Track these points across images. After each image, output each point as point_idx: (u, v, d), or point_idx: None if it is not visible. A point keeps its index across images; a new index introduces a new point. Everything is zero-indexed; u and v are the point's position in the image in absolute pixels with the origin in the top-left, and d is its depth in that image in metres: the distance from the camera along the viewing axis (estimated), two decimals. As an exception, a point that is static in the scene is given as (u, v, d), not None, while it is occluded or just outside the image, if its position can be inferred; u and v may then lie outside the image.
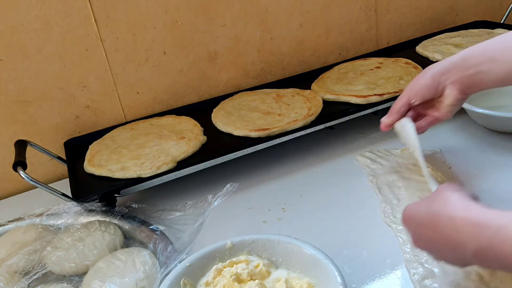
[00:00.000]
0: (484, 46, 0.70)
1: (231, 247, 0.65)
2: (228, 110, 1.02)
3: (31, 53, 0.95)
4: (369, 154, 0.92)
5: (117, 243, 0.75)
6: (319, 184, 0.87)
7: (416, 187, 0.80)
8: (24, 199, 0.99)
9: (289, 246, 0.64)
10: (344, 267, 0.64)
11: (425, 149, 0.90)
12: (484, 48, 0.70)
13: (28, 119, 0.99)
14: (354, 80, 1.07)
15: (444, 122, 0.99)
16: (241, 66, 1.16)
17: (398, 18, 1.30)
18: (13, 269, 0.71)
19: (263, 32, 1.16)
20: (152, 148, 0.92)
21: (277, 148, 0.93)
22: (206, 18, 1.08)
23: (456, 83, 0.71)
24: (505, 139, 0.90)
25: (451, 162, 0.86)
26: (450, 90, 0.71)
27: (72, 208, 0.79)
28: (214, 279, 0.62)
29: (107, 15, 0.99)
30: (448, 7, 1.36)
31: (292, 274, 0.63)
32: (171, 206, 0.84)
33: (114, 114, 1.07)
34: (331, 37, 1.24)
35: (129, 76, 1.05)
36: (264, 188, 0.89)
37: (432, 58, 1.13)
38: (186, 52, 1.09)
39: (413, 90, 0.74)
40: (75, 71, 1.00)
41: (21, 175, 0.80)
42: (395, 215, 0.74)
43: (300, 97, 1.03)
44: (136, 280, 0.65)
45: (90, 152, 0.94)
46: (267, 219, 0.80)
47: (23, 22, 0.93)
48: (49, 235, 0.77)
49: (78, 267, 0.72)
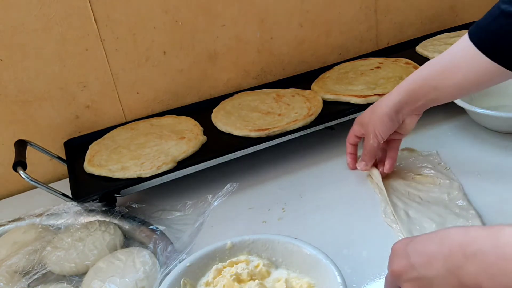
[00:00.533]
0: (424, 76, 0.74)
1: (231, 247, 0.65)
2: (228, 110, 1.02)
3: (31, 53, 0.95)
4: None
5: (117, 243, 0.75)
6: (319, 184, 0.87)
7: (416, 187, 0.80)
8: (24, 199, 0.99)
9: (289, 246, 0.64)
10: (344, 267, 0.64)
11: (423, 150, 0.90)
12: (424, 78, 0.74)
13: (28, 119, 0.99)
14: (354, 80, 1.07)
15: (444, 122, 0.99)
16: (241, 66, 1.16)
17: (398, 18, 1.30)
18: (13, 269, 0.71)
19: (263, 32, 1.15)
20: (152, 148, 0.92)
21: (277, 148, 0.93)
22: (206, 18, 1.08)
23: (412, 113, 0.78)
24: (505, 139, 0.90)
25: (450, 162, 0.86)
26: (410, 119, 0.79)
27: (72, 208, 0.79)
28: (214, 279, 0.62)
29: (107, 15, 0.99)
30: (448, 7, 1.36)
31: (292, 274, 0.63)
32: (171, 206, 0.84)
33: (114, 114, 1.07)
34: (331, 37, 1.24)
35: (129, 76, 1.05)
36: (264, 188, 0.89)
37: (432, 58, 1.13)
38: (186, 52, 1.09)
39: (379, 133, 0.78)
40: (75, 71, 1.00)
41: (21, 175, 0.80)
42: (396, 215, 0.74)
43: (300, 97, 1.03)
44: (136, 280, 0.65)
45: (90, 152, 0.94)
46: (267, 219, 0.80)
47: (23, 22, 0.93)
48: (49, 235, 0.77)
49: (78, 267, 0.72)
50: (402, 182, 0.82)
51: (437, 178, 0.81)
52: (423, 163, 0.86)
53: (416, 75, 0.75)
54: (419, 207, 0.75)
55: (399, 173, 0.84)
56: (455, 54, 0.71)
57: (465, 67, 0.69)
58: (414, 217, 0.73)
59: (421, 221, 0.72)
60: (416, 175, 0.83)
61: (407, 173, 0.84)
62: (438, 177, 0.81)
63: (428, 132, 0.97)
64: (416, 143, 0.93)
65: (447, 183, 0.79)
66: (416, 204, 0.76)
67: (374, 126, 0.78)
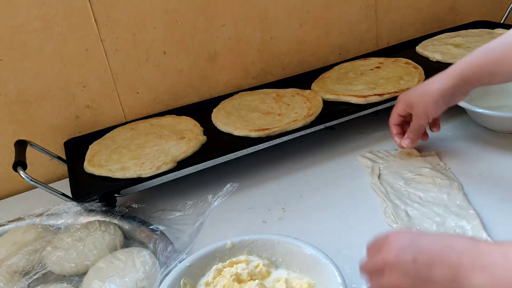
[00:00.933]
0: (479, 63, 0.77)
1: (231, 247, 0.65)
2: (228, 110, 1.02)
3: (31, 53, 0.95)
4: (369, 155, 0.92)
5: (117, 243, 0.75)
6: (319, 184, 0.87)
7: (416, 187, 0.80)
8: (24, 199, 0.98)
9: (289, 246, 0.64)
10: (344, 267, 0.64)
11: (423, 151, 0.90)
12: (480, 65, 0.76)
13: (28, 119, 0.99)
14: (354, 80, 1.07)
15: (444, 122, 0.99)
16: (241, 66, 1.16)
17: (398, 18, 1.30)
18: (13, 269, 0.71)
19: (263, 32, 1.15)
20: (152, 148, 0.92)
21: (277, 148, 0.93)
22: (206, 18, 1.08)
23: (463, 95, 0.81)
24: (505, 139, 0.90)
25: (450, 162, 0.86)
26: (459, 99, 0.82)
27: (72, 208, 0.79)
28: (214, 279, 0.62)
29: (107, 15, 0.99)
30: (448, 7, 1.36)
31: (292, 274, 0.63)
32: (171, 206, 0.84)
33: (114, 114, 1.07)
34: (331, 37, 1.24)
35: (129, 76, 1.05)
36: (264, 188, 0.89)
37: (432, 58, 1.14)
38: (186, 52, 1.09)
39: (431, 113, 0.81)
40: (75, 71, 1.00)
41: (21, 175, 0.80)
42: (396, 215, 0.74)
43: (300, 97, 1.03)
44: (136, 280, 0.65)
45: (90, 152, 0.94)
46: (267, 219, 0.80)
47: (23, 22, 0.93)
48: (49, 235, 0.77)
49: (78, 267, 0.72)
50: (402, 182, 0.82)
51: (437, 178, 0.81)
52: (422, 163, 0.86)
53: (470, 60, 0.77)
54: (419, 207, 0.75)
55: (399, 173, 0.84)
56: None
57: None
58: (414, 217, 0.73)
59: (421, 221, 0.72)
60: (416, 175, 0.83)
61: (407, 173, 0.84)
62: (438, 177, 0.81)
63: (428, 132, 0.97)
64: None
65: (447, 183, 0.79)
66: (416, 204, 0.76)
67: (425, 107, 0.81)
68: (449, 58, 1.10)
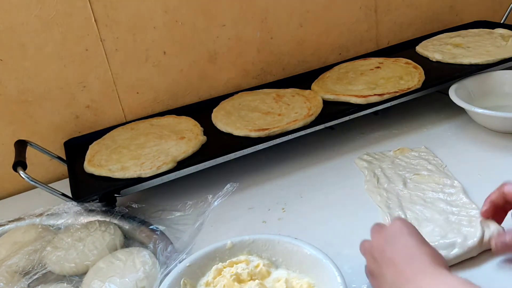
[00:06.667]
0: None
1: (231, 247, 0.65)
2: (228, 110, 1.02)
3: (31, 53, 0.95)
4: (366, 157, 0.91)
5: (117, 243, 0.75)
6: (319, 184, 0.87)
7: (415, 187, 0.80)
8: (24, 199, 0.99)
9: (289, 246, 0.64)
10: (344, 267, 0.64)
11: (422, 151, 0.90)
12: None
13: (28, 119, 0.99)
14: (354, 80, 1.07)
15: (444, 122, 0.99)
16: (241, 66, 1.16)
17: (398, 18, 1.30)
18: (13, 269, 0.71)
19: (263, 32, 1.15)
20: (152, 148, 0.92)
21: (277, 148, 0.93)
22: (206, 18, 1.08)
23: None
24: (505, 139, 0.90)
25: (450, 162, 0.86)
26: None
27: (72, 208, 0.79)
28: (214, 279, 0.62)
29: (107, 15, 0.99)
30: (448, 7, 1.36)
31: (292, 274, 0.63)
32: (171, 206, 0.84)
33: (114, 114, 1.07)
34: (331, 37, 1.24)
35: (129, 76, 1.05)
36: (264, 188, 0.89)
37: (432, 58, 1.13)
38: (186, 52, 1.09)
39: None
40: (75, 71, 1.00)
41: (21, 175, 0.80)
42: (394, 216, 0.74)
43: (300, 97, 1.03)
44: (136, 280, 0.65)
45: (90, 152, 0.94)
46: (267, 219, 0.80)
47: (23, 22, 0.93)
48: (49, 235, 0.77)
49: (78, 267, 0.72)
50: (401, 183, 0.81)
51: (436, 178, 0.80)
52: (420, 162, 0.86)
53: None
54: (419, 207, 0.75)
55: (398, 174, 0.84)
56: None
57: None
58: (414, 217, 0.73)
59: (421, 220, 0.72)
60: (414, 175, 0.83)
61: (405, 174, 0.84)
62: (437, 176, 0.81)
63: (428, 132, 0.97)
64: (416, 143, 0.93)
65: (446, 182, 0.79)
66: (416, 204, 0.76)
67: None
68: (449, 58, 1.10)
